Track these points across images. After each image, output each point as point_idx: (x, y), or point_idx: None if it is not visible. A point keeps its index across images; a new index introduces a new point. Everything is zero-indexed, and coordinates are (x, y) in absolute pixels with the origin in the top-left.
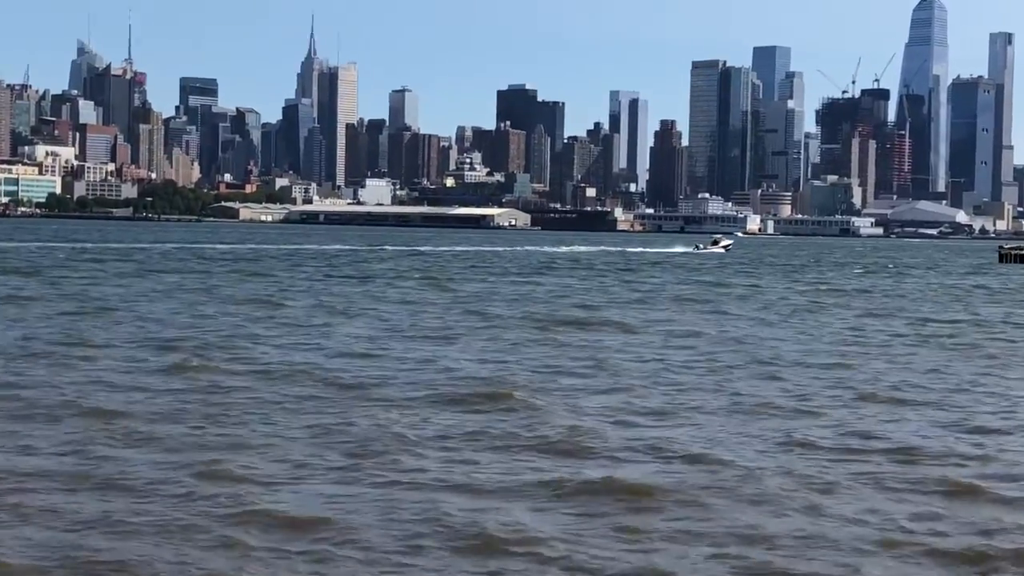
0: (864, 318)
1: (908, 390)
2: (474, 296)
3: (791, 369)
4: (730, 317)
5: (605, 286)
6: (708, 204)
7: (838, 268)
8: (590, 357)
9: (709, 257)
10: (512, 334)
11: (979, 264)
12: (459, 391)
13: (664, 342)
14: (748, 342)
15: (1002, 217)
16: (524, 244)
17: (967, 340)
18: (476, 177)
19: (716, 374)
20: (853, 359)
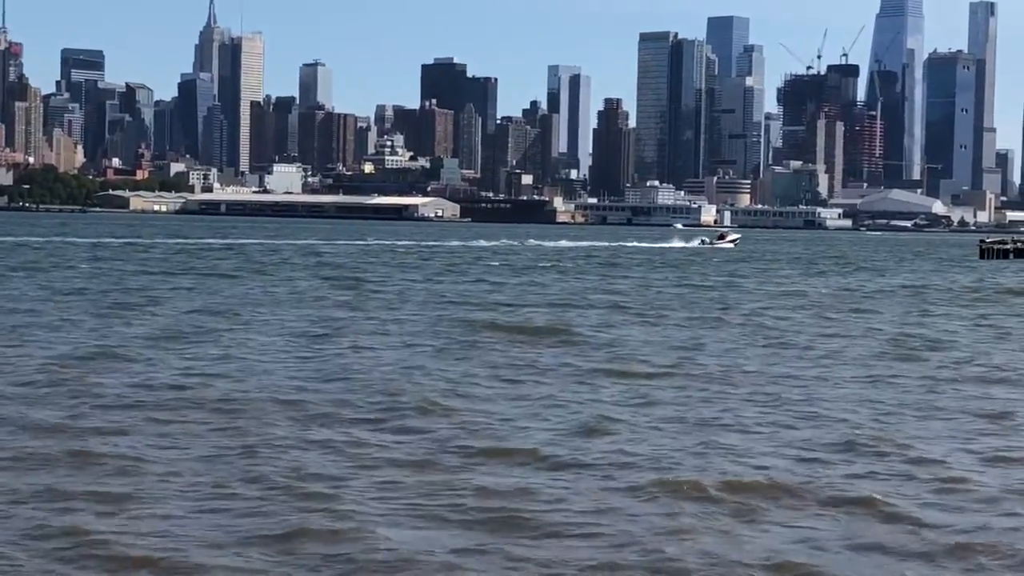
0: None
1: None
2: (385, 298)
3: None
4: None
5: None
6: (658, 193)
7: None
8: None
9: (717, 253)
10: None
11: (954, 259)
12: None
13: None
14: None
15: (983, 208)
16: (501, 237)
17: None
18: (398, 162)
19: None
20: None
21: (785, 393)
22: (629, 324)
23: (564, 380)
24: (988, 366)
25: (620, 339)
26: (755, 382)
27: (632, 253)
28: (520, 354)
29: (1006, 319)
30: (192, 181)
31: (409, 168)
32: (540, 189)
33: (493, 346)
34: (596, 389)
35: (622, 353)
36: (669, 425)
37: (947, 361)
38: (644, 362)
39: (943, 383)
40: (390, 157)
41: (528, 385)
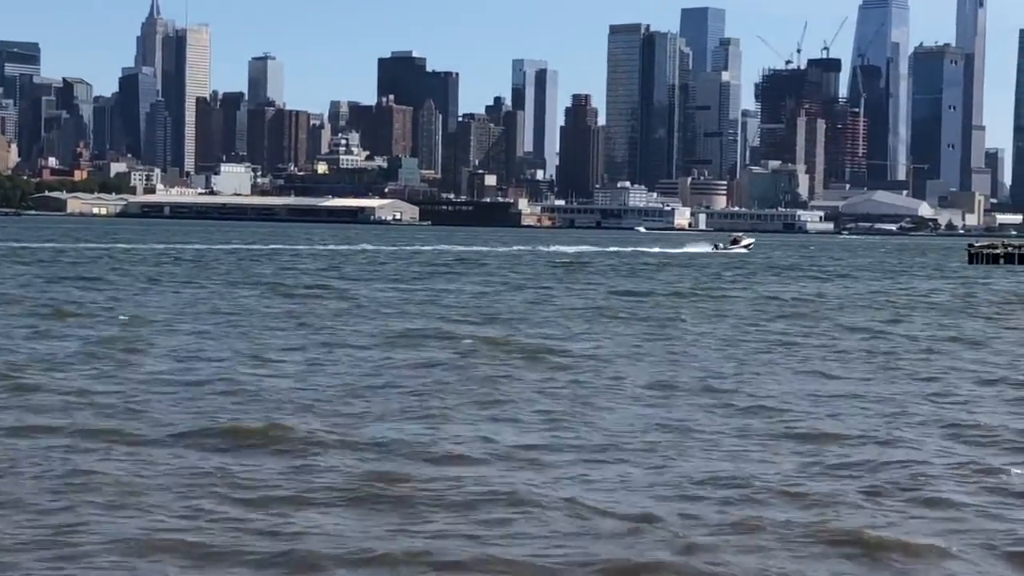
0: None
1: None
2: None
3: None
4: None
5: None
6: (629, 195)
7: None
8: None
9: (734, 259)
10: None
11: (941, 266)
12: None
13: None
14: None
15: (972, 210)
16: (503, 244)
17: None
18: (353, 162)
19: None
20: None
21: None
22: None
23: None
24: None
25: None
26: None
27: (650, 258)
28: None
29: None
30: (134, 182)
31: (365, 168)
32: (504, 190)
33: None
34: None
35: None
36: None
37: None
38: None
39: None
40: (345, 156)
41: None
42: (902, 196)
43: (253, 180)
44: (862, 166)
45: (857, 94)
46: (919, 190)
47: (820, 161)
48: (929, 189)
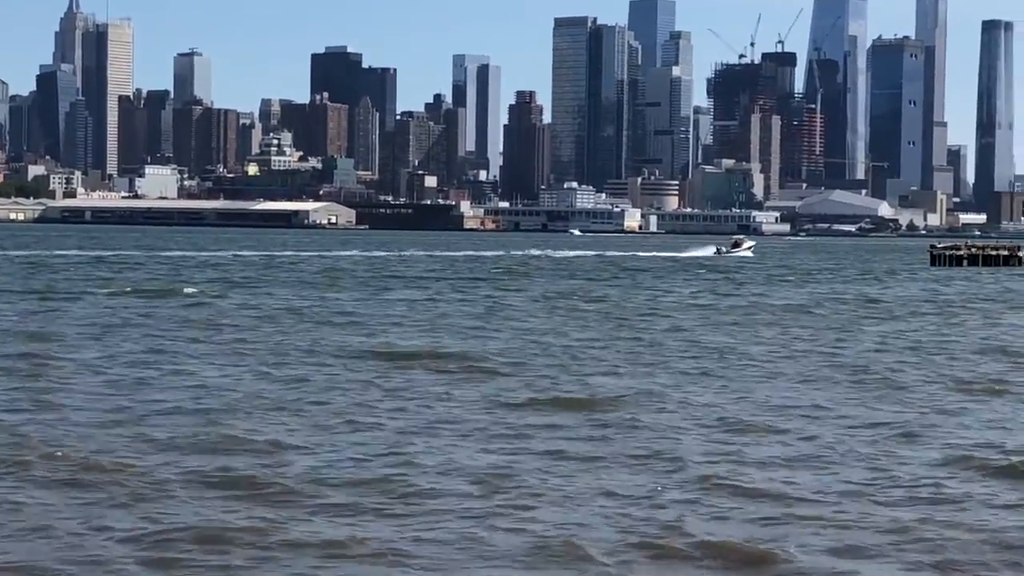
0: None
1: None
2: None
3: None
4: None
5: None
6: (576, 196)
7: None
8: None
9: (738, 262)
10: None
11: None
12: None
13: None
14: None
15: (934, 210)
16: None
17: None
18: (285, 163)
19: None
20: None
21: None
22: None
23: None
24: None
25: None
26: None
27: (647, 262)
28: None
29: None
30: (53, 186)
31: (298, 169)
32: (445, 192)
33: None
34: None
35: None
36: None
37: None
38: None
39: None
40: (277, 157)
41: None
42: (861, 196)
43: (180, 183)
44: (819, 164)
45: (813, 89)
46: (879, 189)
47: (775, 160)
48: (889, 188)
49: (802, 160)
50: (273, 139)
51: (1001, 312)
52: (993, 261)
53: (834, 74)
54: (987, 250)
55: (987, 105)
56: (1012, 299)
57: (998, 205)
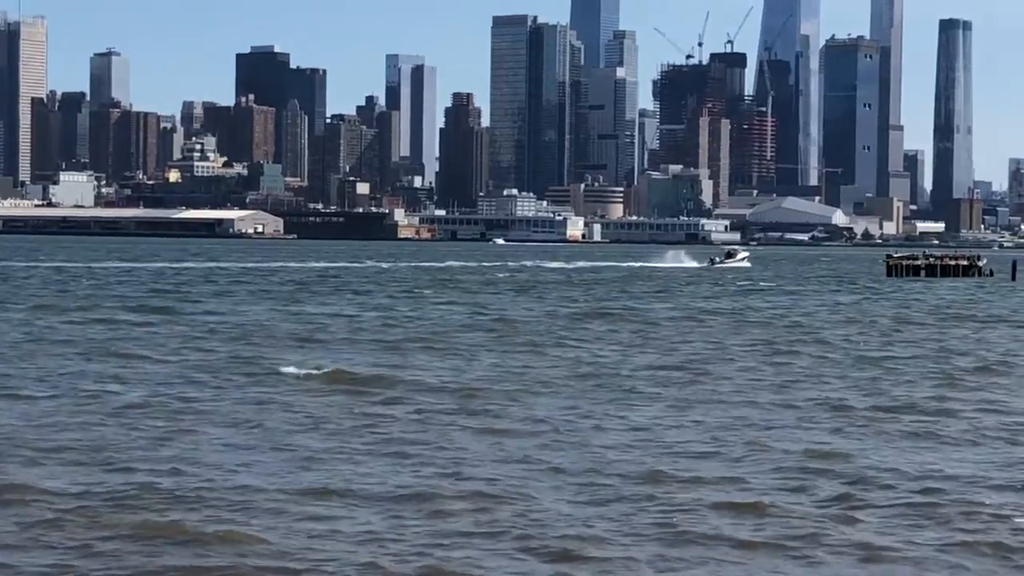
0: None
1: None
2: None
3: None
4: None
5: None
6: (516, 203)
7: None
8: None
9: (731, 275)
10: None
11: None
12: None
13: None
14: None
15: (890, 218)
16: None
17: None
18: (209, 169)
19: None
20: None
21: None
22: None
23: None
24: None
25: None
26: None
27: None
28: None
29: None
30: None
31: (222, 176)
32: (378, 200)
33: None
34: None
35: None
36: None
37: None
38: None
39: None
40: (200, 163)
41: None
42: (814, 203)
43: (97, 190)
44: (770, 170)
45: (764, 92)
46: (832, 196)
47: (725, 165)
48: (843, 195)
49: (752, 166)
50: (196, 144)
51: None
52: (952, 271)
53: (785, 76)
54: (945, 260)
55: (945, 108)
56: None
57: (957, 213)
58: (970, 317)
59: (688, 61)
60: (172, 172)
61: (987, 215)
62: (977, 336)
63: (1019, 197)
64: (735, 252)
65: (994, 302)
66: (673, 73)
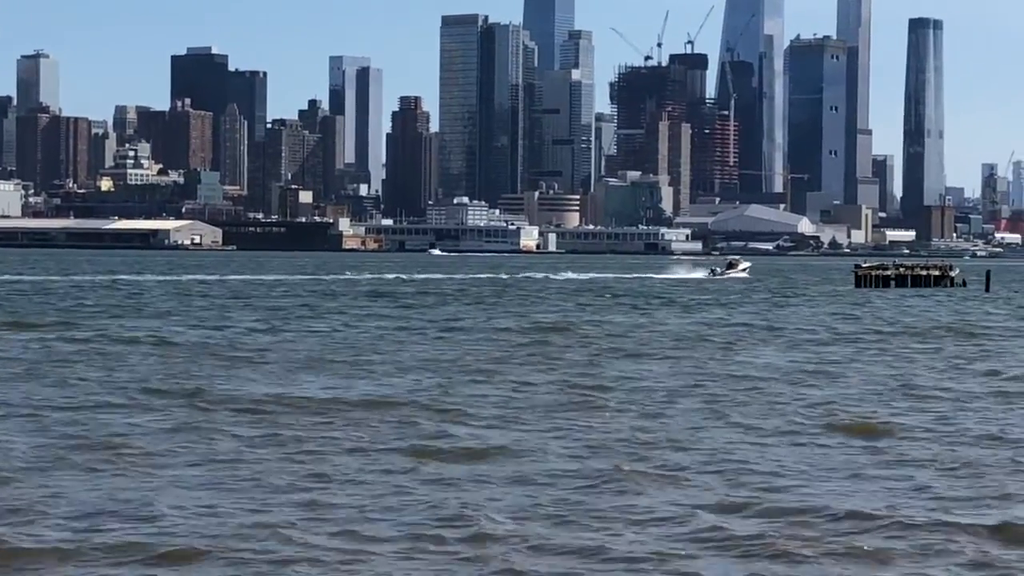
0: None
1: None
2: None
3: None
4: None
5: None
6: (467, 212)
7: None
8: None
9: (731, 287)
10: None
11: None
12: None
13: None
14: None
15: (859, 226)
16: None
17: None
18: (143, 177)
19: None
20: None
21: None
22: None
23: None
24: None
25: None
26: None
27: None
28: None
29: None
30: None
31: (157, 184)
32: (322, 209)
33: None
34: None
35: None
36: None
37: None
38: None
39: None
40: (133, 171)
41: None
42: (779, 211)
43: (24, 199)
44: (733, 177)
45: (726, 94)
46: (798, 203)
47: (686, 171)
48: (809, 202)
49: (714, 172)
50: (129, 150)
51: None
52: (923, 281)
53: (749, 77)
54: (916, 270)
55: (915, 111)
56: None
57: (928, 220)
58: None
59: (647, 63)
60: (104, 180)
61: (959, 223)
62: None
63: (992, 204)
64: (736, 263)
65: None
66: (631, 75)
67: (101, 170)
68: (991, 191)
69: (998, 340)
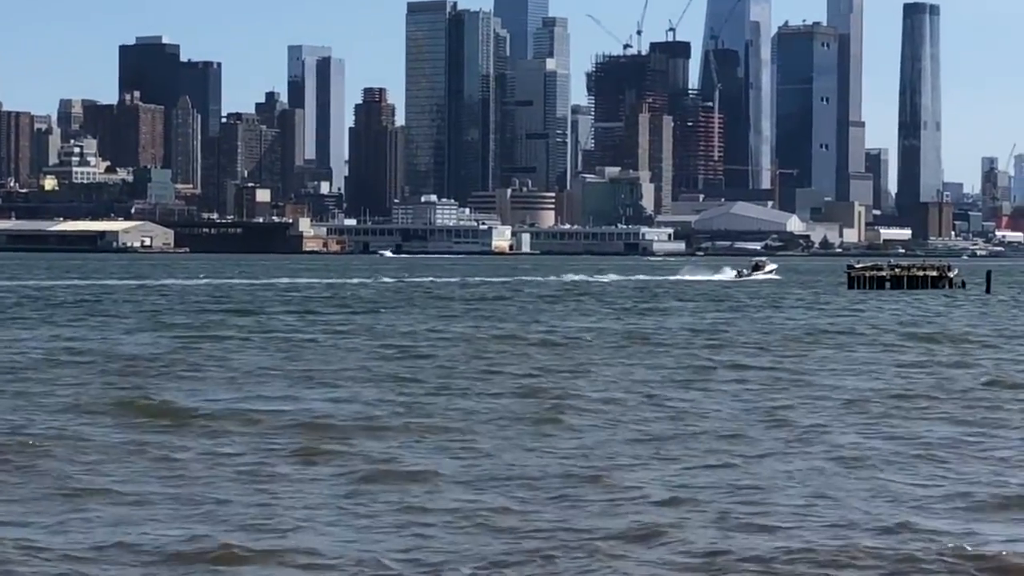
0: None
1: None
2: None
3: None
4: None
5: None
6: (436, 211)
7: None
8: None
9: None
10: None
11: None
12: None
13: None
14: None
15: (851, 224)
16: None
17: None
18: (90, 175)
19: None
20: None
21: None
22: None
23: None
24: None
25: None
26: None
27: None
28: None
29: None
30: None
31: (105, 183)
32: (281, 208)
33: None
34: None
35: None
36: None
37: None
38: None
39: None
40: (79, 169)
41: None
42: (767, 208)
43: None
44: (718, 172)
45: (710, 85)
46: (787, 201)
47: (667, 167)
48: (799, 199)
49: (698, 167)
50: (74, 147)
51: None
52: (920, 283)
53: (734, 67)
54: (912, 270)
55: (910, 102)
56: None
57: (925, 218)
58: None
59: (626, 51)
60: (48, 179)
61: (958, 220)
62: None
63: (993, 200)
64: (763, 264)
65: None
66: (609, 65)
67: (44, 168)
68: (991, 186)
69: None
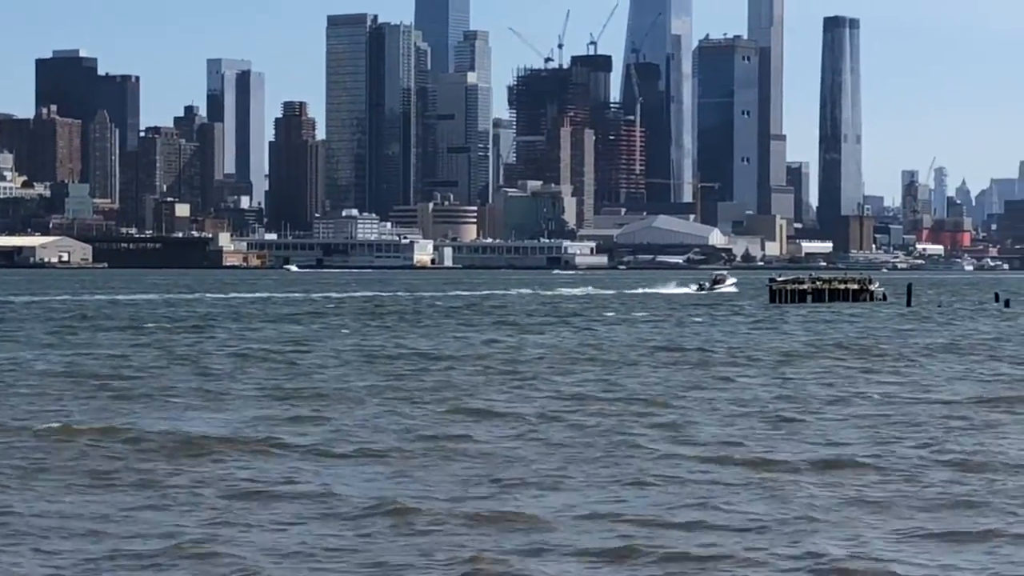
0: None
1: None
2: None
3: None
4: None
5: None
6: (357, 226)
7: None
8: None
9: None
10: None
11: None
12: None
13: None
14: None
15: (773, 237)
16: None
17: None
18: (6, 190)
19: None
20: None
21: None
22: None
23: None
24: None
25: None
26: None
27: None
28: None
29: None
30: None
31: (21, 198)
32: (200, 223)
33: None
34: None
35: None
36: None
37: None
38: None
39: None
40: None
41: None
42: (689, 222)
43: None
44: (640, 186)
45: (632, 98)
46: (709, 214)
47: (589, 181)
48: (721, 213)
49: (620, 181)
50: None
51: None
52: (841, 295)
53: (655, 80)
54: (834, 283)
55: (831, 115)
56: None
57: (846, 231)
58: None
59: (547, 65)
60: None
61: (879, 233)
62: None
63: (914, 213)
64: (723, 278)
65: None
66: (530, 78)
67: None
68: (912, 200)
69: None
